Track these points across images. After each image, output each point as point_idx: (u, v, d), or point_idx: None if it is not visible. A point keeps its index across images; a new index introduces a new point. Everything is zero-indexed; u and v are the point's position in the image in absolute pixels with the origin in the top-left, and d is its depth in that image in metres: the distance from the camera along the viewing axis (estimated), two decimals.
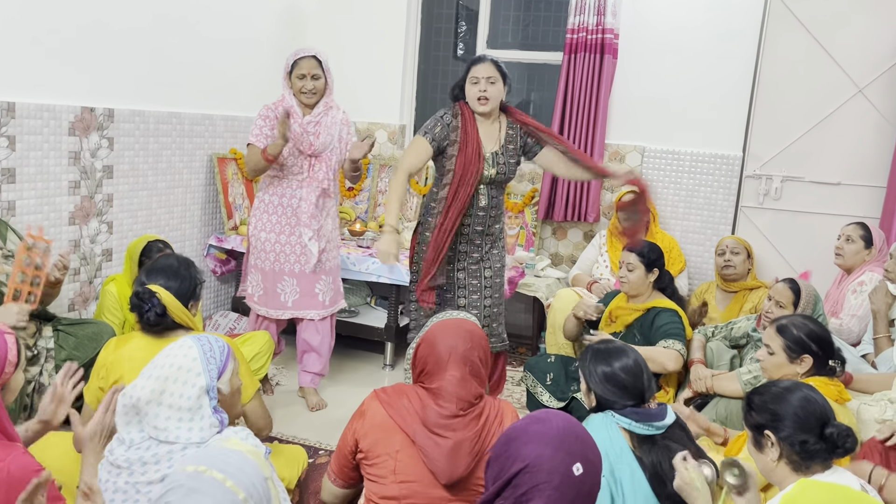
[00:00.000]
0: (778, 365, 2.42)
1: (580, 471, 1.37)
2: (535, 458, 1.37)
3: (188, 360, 1.76)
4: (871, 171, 4.00)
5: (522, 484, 1.36)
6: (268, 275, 3.37)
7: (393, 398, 1.93)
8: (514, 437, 1.43)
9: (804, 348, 2.37)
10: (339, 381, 3.80)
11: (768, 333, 2.46)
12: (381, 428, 1.89)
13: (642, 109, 4.40)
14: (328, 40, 4.73)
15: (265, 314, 3.41)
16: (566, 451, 1.38)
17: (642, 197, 3.23)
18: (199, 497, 1.26)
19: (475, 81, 2.96)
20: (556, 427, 1.42)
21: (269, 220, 3.35)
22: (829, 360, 2.39)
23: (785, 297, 2.97)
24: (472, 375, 1.93)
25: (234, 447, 1.42)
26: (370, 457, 1.89)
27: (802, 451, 1.71)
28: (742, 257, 3.79)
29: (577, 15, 4.29)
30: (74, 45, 3.19)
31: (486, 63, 2.97)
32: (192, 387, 1.73)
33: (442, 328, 2.00)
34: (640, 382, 1.97)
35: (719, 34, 4.21)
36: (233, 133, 4.33)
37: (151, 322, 2.18)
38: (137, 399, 1.71)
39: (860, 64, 3.93)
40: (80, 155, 3.30)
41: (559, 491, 1.35)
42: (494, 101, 2.98)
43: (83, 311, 3.43)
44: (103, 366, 2.18)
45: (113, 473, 1.74)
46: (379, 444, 1.88)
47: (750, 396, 1.86)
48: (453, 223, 2.96)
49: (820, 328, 2.42)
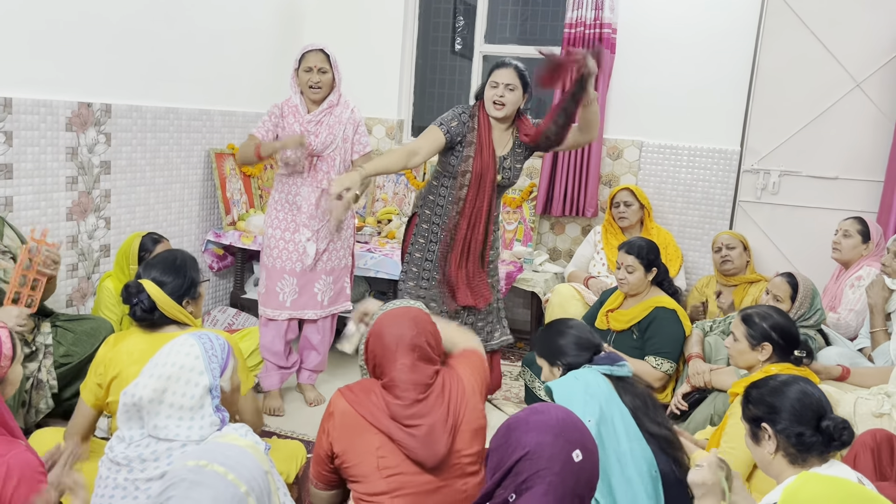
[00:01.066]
0: (741, 351, 2.55)
1: (580, 457, 1.39)
2: (536, 445, 1.38)
3: (190, 359, 1.76)
4: (868, 165, 4.00)
5: (524, 471, 1.38)
6: (270, 272, 3.36)
7: (360, 396, 1.93)
8: (514, 426, 1.44)
9: (765, 336, 2.48)
10: (336, 376, 3.80)
11: (735, 321, 2.60)
12: (353, 428, 1.89)
13: (640, 104, 4.40)
14: (326, 35, 4.71)
15: (264, 314, 3.38)
16: (566, 439, 1.40)
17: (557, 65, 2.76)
18: (201, 490, 1.27)
19: (494, 85, 2.97)
20: (556, 416, 1.45)
21: (276, 216, 3.36)
22: (794, 350, 2.49)
23: (782, 290, 2.99)
24: (421, 360, 1.94)
25: (233, 442, 1.43)
26: (347, 460, 1.88)
27: (799, 443, 1.72)
28: (738, 251, 3.80)
29: (575, 10, 4.29)
30: (71, 41, 3.18)
31: (508, 69, 2.97)
32: (194, 386, 1.73)
33: (386, 319, 2.01)
34: (592, 336, 2.22)
35: (717, 29, 4.21)
36: (230, 129, 4.32)
37: (138, 316, 2.18)
38: (139, 398, 1.71)
39: (858, 58, 3.93)
40: (78, 150, 3.29)
41: (560, 477, 1.36)
42: (510, 108, 2.99)
43: (81, 307, 3.43)
44: (101, 362, 2.17)
45: (113, 470, 1.74)
46: (355, 445, 1.87)
47: (748, 390, 1.89)
48: (474, 225, 3.01)
49: (784, 319, 2.53)
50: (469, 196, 2.99)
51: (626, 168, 4.49)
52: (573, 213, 4.48)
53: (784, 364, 2.45)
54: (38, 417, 2.68)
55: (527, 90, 3.02)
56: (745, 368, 2.60)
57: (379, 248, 4.13)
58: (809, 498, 1.41)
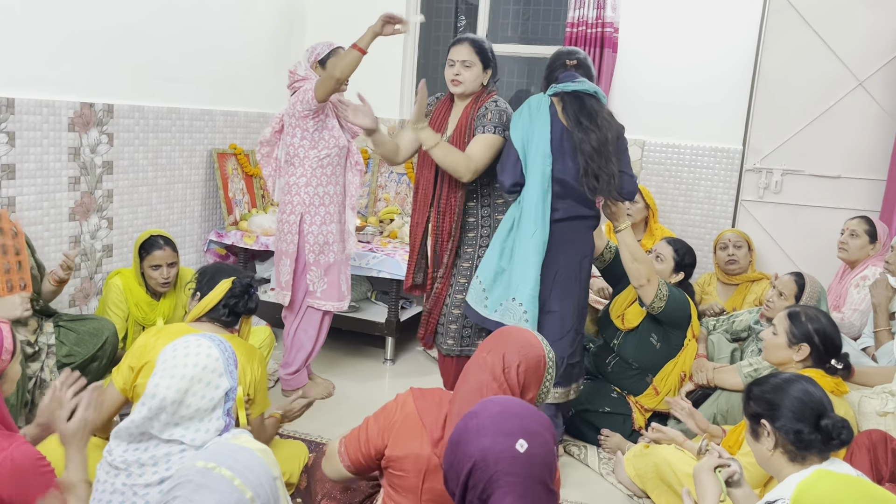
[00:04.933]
0: (777, 345, 2.50)
1: (525, 446, 1.35)
2: (479, 452, 1.35)
3: (212, 361, 1.73)
4: (871, 164, 3.99)
5: (478, 482, 1.35)
6: (332, 267, 3.32)
7: (430, 403, 1.83)
8: (457, 440, 1.41)
9: (806, 337, 2.43)
10: (339, 376, 3.80)
11: (779, 315, 2.54)
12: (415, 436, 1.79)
13: (642, 103, 4.39)
14: (327, 35, 4.68)
15: (330, 308, 3.37)
16: (504, 434, 1.36)
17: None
18: (206, 493, 1.26)
19: (451, 64, 2.90)
20: (490, 414, 1.41)
21: (326, 210, 3.27)
22: (832, 359, 2.43)
23: (788, 288, 2.98)
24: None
25: (244, 444, 1.41)
26: (395, 468, 1.81)
27: (797, 440, 1.74)
28: (744, 250, 3.78)
29: (577, 9, 4.28)
30: (74, 41, 3.19)
31: (463, 45, 2.89)
32: (215, 388, 1.72)
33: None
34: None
35: (719, 27, 4.20)
36: (232, 129, 4.32)
37: (240, 311, 2.34)
38: (163, 398, 1.67)
39: (860, 57, 3.92)
40: (80, 151, 3.30)
41: (512, 474, 1.33)
42: (469, 85, 2.90)
43: (84, 307, 3.43)
44: (140, 346, 2.19)
45: (111, 474, 1.72)
46: (409, 458, 1.77)
47: (750, 387, 1.91)
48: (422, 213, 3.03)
49: (831, 326, 2.47)
50: (418, 178, 3.03)
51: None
52: None
53: (817, 371, 2.40)
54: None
55: (489, 65, 2.92)
56: (775, 364, 2.55)
57: (381, 248, 4.13)
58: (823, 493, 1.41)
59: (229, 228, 4.16)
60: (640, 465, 2.67)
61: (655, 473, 2.59)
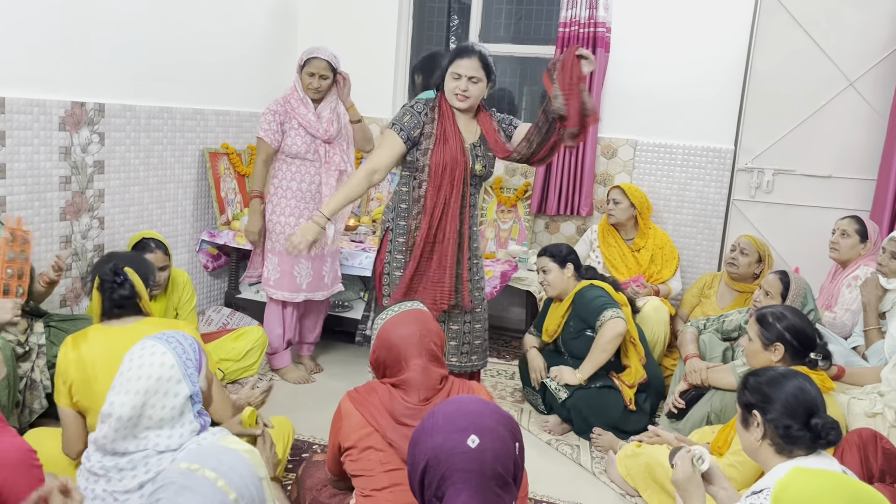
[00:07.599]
0: (755, 351, 2.54)
1: (476, 442, 1.35)
2: (431, 450, 1.37)
3: (166, 369, 1.71)
4: (861, 163, 4.02)
5: (432, 481, 1.36)
6: (285, 258, 3.52)
7: (364, 395, 1.95)
8: (414, 442, 1.43)
9: (778, 337, 2.47)
10: (332, 375, 3.80)
11: (750, 321, 2.59)
12: (359, 427, 1.91)
13: (634, 103, 4.40)
14: (320, 34, 4.72)
15: (280, 297, 3.58)
16: (456, 430, 1.37)
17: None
18: (189, 495, 1.26)
19: (457, 77, 2.74)
20: (443, 413, 1.42)
21: (287, 204, 3.55)
22: (810, 353, 2.45)
23: (774, 287, 3.00)
24: (430, 362, 1.96)
25: (230, 445, 1.41)
26: (354, 454, 1.90)
27: (785, 435, 1.77)
28: (749, 259, 3.68)
29: (570, 9, 4.29)
30: (65, 40, 3.17)
31: (472, 59, 2.73)
32: (174, 397, 1.70)
33: (392, 325, 2.02)
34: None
35: (711, 28, 4.22)
36: (224, 128, 4.31)
37: (116, 301, 2.18)
38: (119, 417, 1.66)
39: (851, 57, 3.94)
40: (71, 150, 3.28)
41: (464, 470, 1.34)
42: (474, 101, 2.79)
43: (75, 308, 3.42)
44: (66, 369, 2.10)
45: (91, 481, 1.72)
46: (362, 441, 1.90)
47: (747, 377, 1.93)
48: (443, 225, 2.78)
49: (799, 320, 2.50)
50: (429, 192, 2.76)
51: (621, 167, 4.50)
52: (568, 213, 4.49)
53: (801, 368, 2.40)
54: (31, 418, 2.67)
55: (491, 79, 2.80)
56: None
57: (374, 247, 4.13)
58: (798, 492, 1.43)
59: (221, 228, 4.15)
60: (631, 465, 2.69)
61: (647, 473, 2.60)
